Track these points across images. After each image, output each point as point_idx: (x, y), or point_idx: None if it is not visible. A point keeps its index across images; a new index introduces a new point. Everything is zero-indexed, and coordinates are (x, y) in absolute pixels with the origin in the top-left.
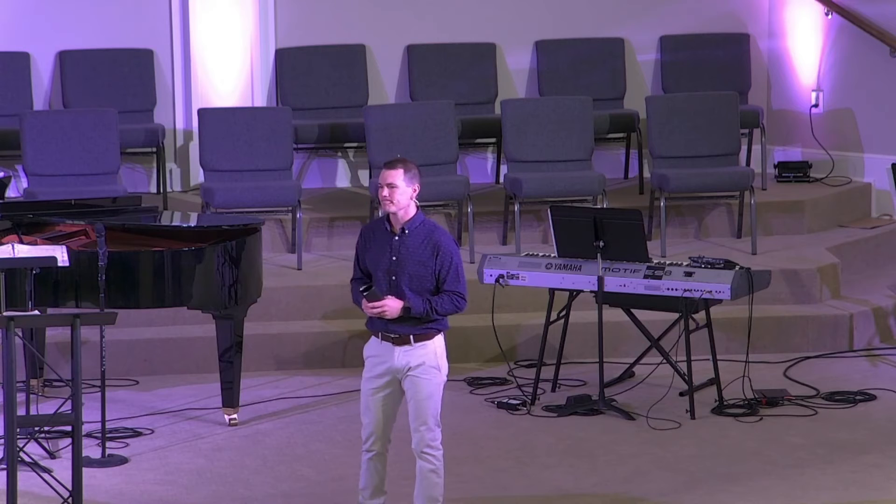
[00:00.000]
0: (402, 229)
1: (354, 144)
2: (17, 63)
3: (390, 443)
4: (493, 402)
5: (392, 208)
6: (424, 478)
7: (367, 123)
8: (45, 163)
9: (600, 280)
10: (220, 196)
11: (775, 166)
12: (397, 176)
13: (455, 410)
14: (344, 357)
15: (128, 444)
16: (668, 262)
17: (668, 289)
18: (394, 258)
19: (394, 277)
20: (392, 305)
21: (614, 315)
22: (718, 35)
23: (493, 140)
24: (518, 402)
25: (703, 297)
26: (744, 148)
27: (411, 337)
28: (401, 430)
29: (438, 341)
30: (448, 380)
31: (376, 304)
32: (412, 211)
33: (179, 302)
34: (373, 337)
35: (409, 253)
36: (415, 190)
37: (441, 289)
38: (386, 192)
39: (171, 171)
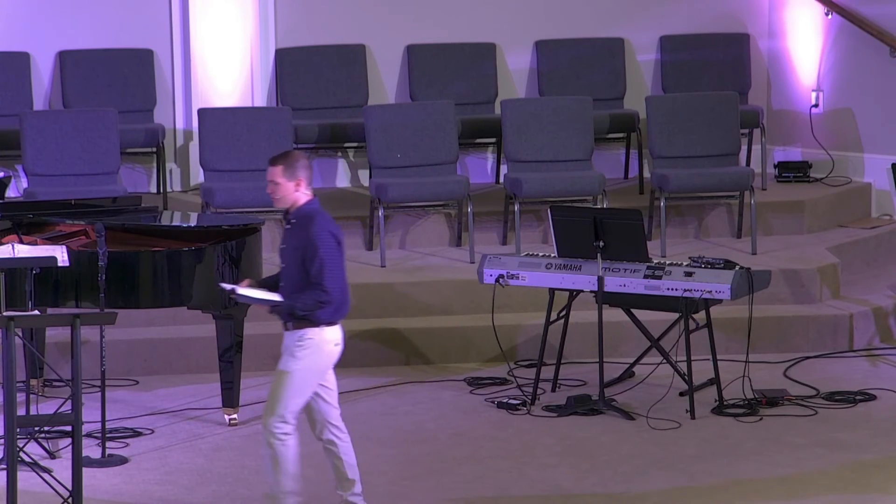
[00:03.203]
0: (289, 219)
1: (354, 144)
2: (17, 63)
3: (329, 430)
4: (493, 402)
5: (277, 204)
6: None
7: (367, 123)
8: (45, 163)
9: (600, 280)
10: (220, 196)
11: (775, 166)
12: (276, 173)
13: (455, 410)
14: (344, 357)
15: (128, 444)
16: (668, 262)
17: (668, 289)
18: (282, 246)
19: (283, 265)
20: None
21: (614, 315)
22: (718, 35)
23: (493, 140)
24: (518, 402)
25: (703, 297)
26: (744, 148)
27: (289, 324)
28: (396, 433)
29: (310, 333)
30: (448, 380)
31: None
32: (302, 200)
33: (179, 302)
34: None
35: (290, 241)
36: (298, 182)
37: (310, 279)
38: (270, 188)
39: (171, 171)
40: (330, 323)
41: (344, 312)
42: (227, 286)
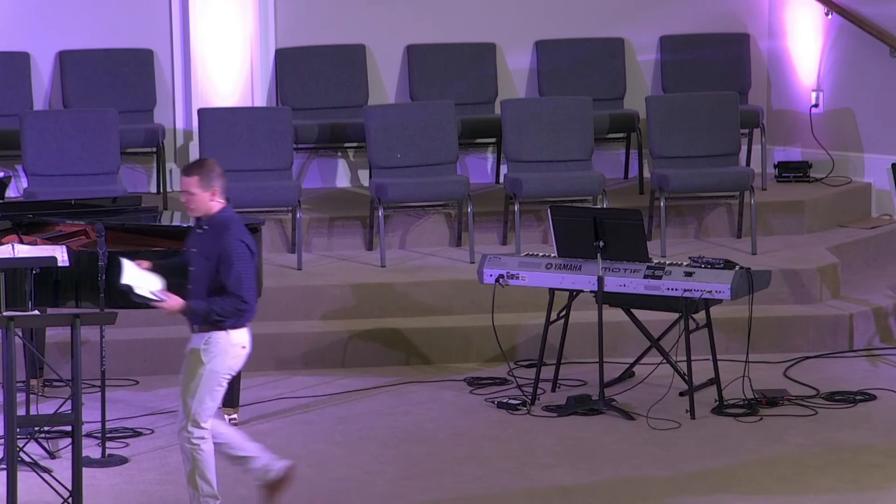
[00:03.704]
0: (202, 224)
1: (354, 144)
2: (17, 63)
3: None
4: (493, 402)
5: (192, 213)
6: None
7: (367, 123)
8: (45, 163)
9: (600, 280)
10: None
11: (775, 166)
12: (192, 184)
13: (455, 410)
14: (344, 357)
15: (128, 444)
16: (668, 262)
17: (668, 289)
18: (193, 250)
19: (192, 269)
20: (171, 305)
21: (614, 315)
22: (718, 35)
23: (493, 140)
24: (518, 402)
25: (703, 297)
26: (744, 148)
27: (195, 327)
28: (396, 433)
29: (216, 336)
30: (448, 380)
31: (157, 302)
32: (216, 207)
33: None
34: None
35: (201, 247)
36: (213, 192)
37: (226, 288)
38: (184, 198)
39: (171, 171)
40: (234, 327)
41: (250, 317)
42: (126, 278)
